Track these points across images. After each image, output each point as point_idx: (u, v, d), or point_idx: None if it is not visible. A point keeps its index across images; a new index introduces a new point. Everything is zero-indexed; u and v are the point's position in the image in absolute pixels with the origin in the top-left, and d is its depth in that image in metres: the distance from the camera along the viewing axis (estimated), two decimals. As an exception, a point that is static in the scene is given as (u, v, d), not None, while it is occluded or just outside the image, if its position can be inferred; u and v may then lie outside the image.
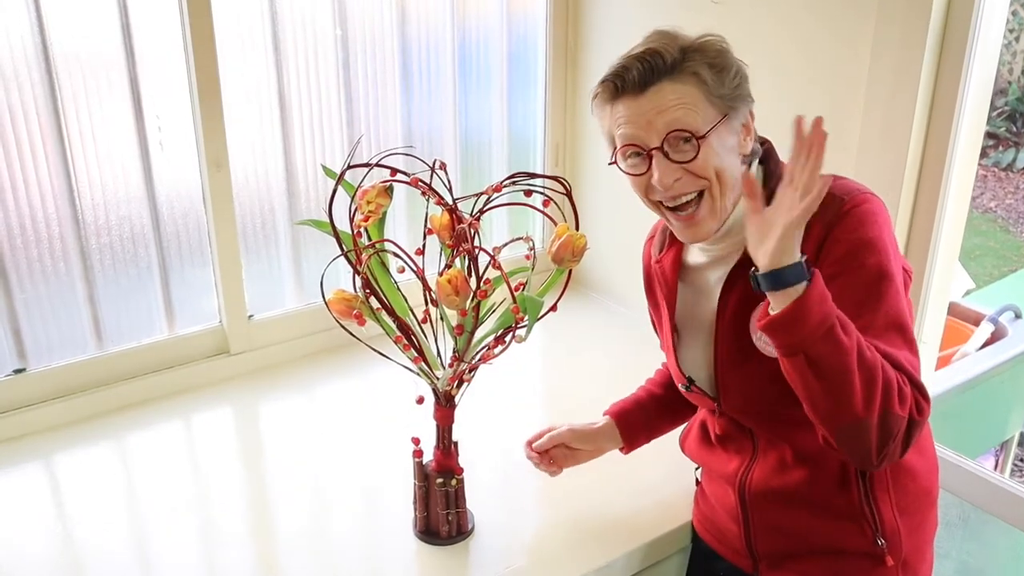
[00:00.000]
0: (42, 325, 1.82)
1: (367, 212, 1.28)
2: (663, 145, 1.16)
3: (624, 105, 1.17)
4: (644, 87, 1.15)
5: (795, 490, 1.26)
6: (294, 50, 1.96)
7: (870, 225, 1.14)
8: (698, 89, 1.15)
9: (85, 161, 1.78)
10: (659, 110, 1.15)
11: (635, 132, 1.17)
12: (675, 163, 1.16)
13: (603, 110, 1.22)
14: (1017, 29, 6.57)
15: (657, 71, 1.15)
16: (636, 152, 1.19)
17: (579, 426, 1.54)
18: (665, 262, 1.35)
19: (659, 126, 1.15)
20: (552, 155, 2.44)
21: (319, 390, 2.01)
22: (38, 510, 1.58)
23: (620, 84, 1.17)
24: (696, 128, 1.14)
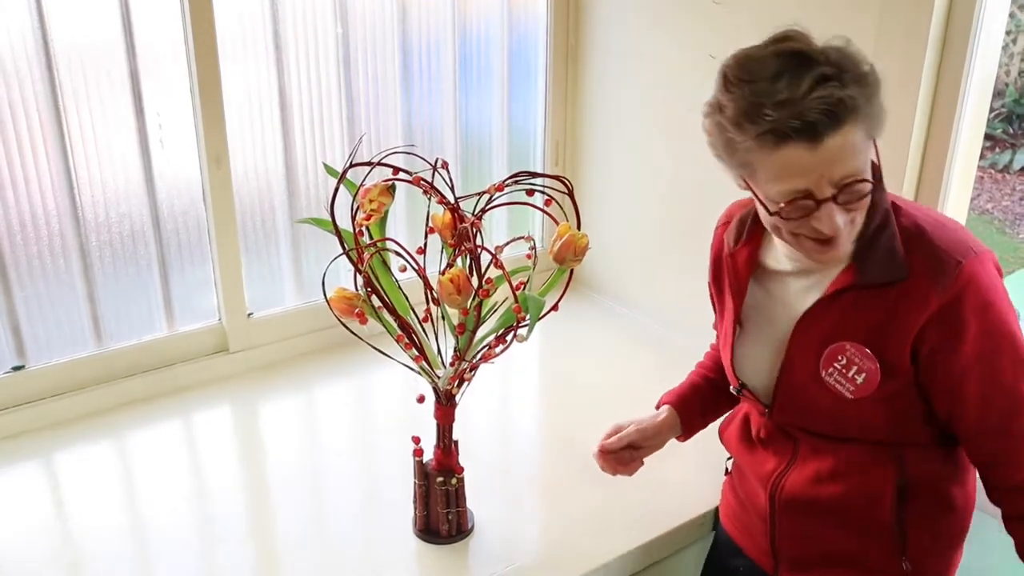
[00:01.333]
0: (41, 322, 1.82)
1: (369, 211, 1.28)
2: (837, 196, 1.06)
3: (795, 155, 1.04)
4: (826, 135, 1.03)
5: (828, 502, 1.25)
6: (295, 48, 1.96)
7: (993, 302, 1.11)
8: (862, 128, 1.05)
9: (85, 158, 1.77)
10: (835, 161, 1.04)
11: (805, 184, 1.06)
12: (842, 208, 1.08)
13: (758, 153, 1.07)
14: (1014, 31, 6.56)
15: (841, 120, 1.03)
16: (801, 198, 1.07)
17: (645, 422, 1.47)
18: (739, 258, 1.28)
19: (835, 177, 1.05)
20: (552, 153, 2.44)
21: (319, 388, 2.00)
22: (37, 508, 1.57)
23: (795, 133, 1.03)
24: (866, 171, 1.07)
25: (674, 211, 2.16)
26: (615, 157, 2.31)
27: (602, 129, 2.33)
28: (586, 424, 1.83)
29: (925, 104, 1.60)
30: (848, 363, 1.16)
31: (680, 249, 2.16)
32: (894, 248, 1.13)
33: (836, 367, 1.17)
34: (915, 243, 1.13)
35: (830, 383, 1.18)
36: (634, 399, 1.94)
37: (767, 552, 1.36)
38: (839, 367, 1.17)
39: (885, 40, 1.60)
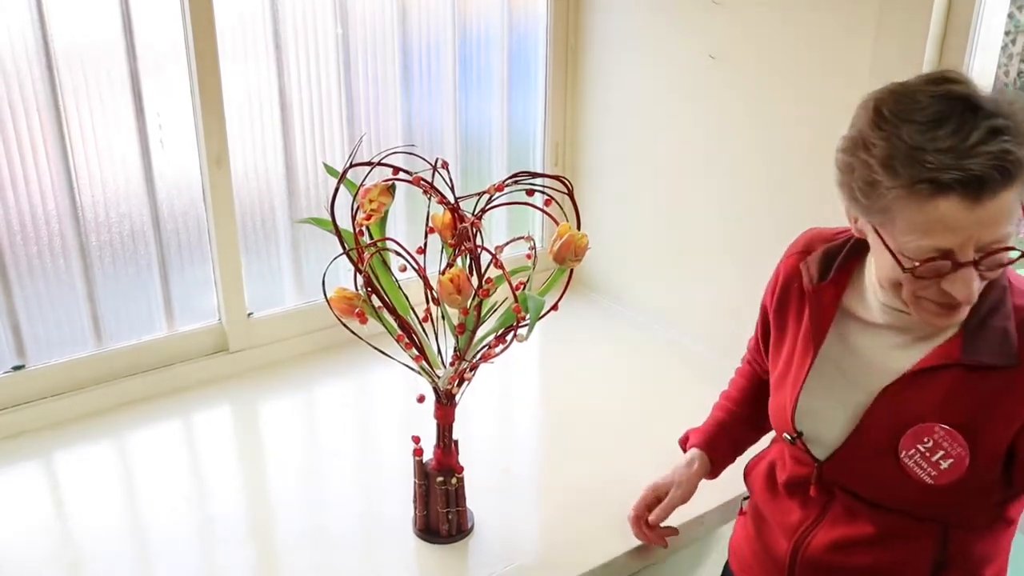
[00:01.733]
0: (41, 322, 1.82)
1: (369, 211, 1.28)
2: (979, 262, 0.97)
3: (950, 211, 0.93)
4: (989, 195, 0.92)
5: (856, 570, 1.17)
6: (295, 48, 1.96)
7: None
8: (1017, 193, 0.95)
9: (85, 158, 1.78)
10: (989, 223, 0.94)
11: (951, 245, 0.95)
12: (978, 273, 0.98)
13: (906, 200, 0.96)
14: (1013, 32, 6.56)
15: (1011, 181, 0.93)
16: (940, 258, 0.97)
17: (682, 482, 1.39)
18: (826, 295, 1.17)
19: (983, 240, 0.95)
20: (552, 154, 2.44)
21: (318, 388, 2.01)
22: (37, 508, 1.58)
23: (958, 187, 0.92)
24: (1013, 240, 0.97)
25: (673, 211, 2.16)
26: (615, 157, 2.31)
27: (602, 129, 2.33)
28: (586, 424, 1.84)
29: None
30: (935, 447, 1.06)
31: (679, 249, 2.16)
32: (1008, 330, 1.04)
33: (919, 449, 1.07)
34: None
35: (908, 465, 1.08)
36: (633, 399, 1.94)
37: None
38: (923, 450, 1.07)
39: (884, 41, 1.60)
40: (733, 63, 1.91)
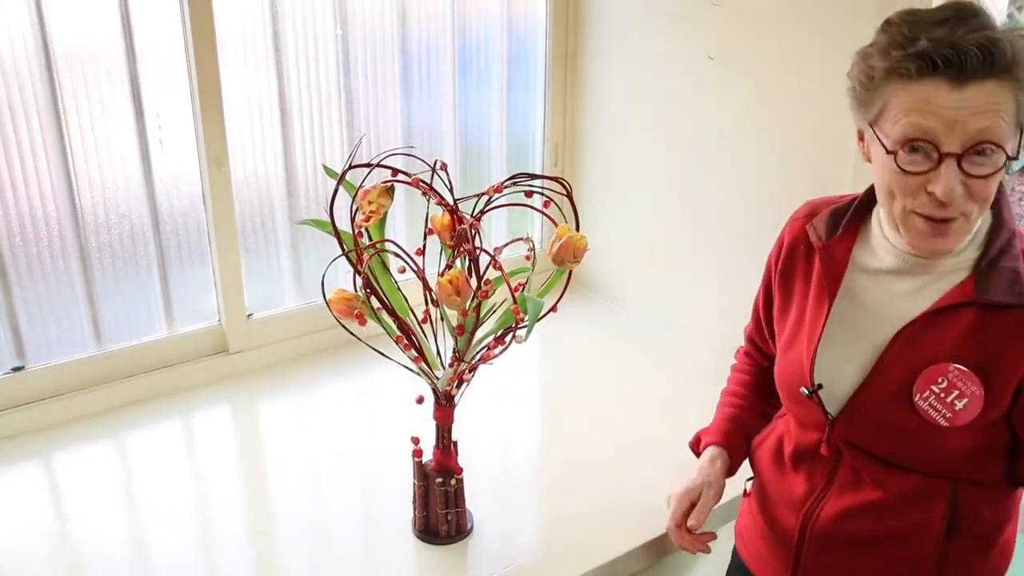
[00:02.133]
0: (41, 323, 1.82)
1: (368, 212, 1.28)
2: (962, 153, 0.99)
3: (932, 91, 0.98)
4: (969, 78, 0.96)
5: (867, 538, 1.17)
6: (294, 49, 1.97)
7: None
8: (1013, 100, 0.98)
9: (85, 159, 1.78)
10: (974, 111, 0.97)
11: (935, 127, 0.98)
12: (965, 175, 1.00)
13: (888, 83, 1.02)
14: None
15: (993, 67, 0.96)
16: (918, 148, 1.01)
17: (710, 478, 1.37)
18: (836, 250, 1.19)
19: (969, 131, 0.98)
20: (552, 155, 2.45)
21: (318, 389, 2.01)
22: (36, 509, 1.58)
23: (942, 65, 0.96)
24: (1002, 144, 0.99)
25: (672, 212, 2.16)
26: (614, 159, 2.31)
27: (601, 131, 2.34)
28: (585, 424, 1.84)
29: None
30: (949, 387, 1.07)
31: (678, 250, 2.17)
32: (1018, 271, 1.07)
33: (934, 391, 1.08)
34: None
35: (923, 408, 1.08)
36: (633, 399, 1.94)
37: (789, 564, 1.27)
38: (937, 391, 1.08)
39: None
40: (732, 64, 1.91)
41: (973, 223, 1.06)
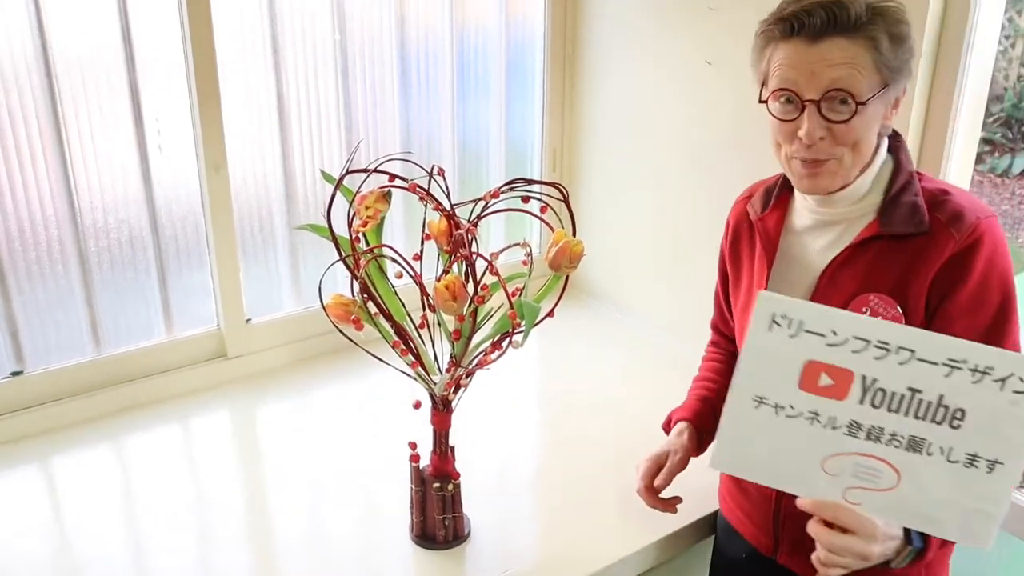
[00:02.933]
0: (40, 328, 1.83)
1: (365, 217, 1.28)
2: (820, 100, 1.14)
3: (792, 49, 1.15)
4: (820, 36, 1.12)
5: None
6: (293, 54, 1.97)
7: (1001, 255, 1.16)
8: (870, 54, 1.12)
9: (84, 164, 1.78)
10: (827, 64, 1.12)
11: (796, 78, 1.15)
12: (826, 120, 1.15)
13: (766, 46, 1.20)
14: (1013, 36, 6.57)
15: (839, 24, 1.11)
16: (789, 99, 1.17)
17: (677, 446, 1.44)
18: (769, 221, 1.34)
19: (823, 80, 1.13)
20: (550, 161, 2.45)
21: (316, 394, 2.01)
22: (35, 513, 1.58)
23: (797, 26, 1.13)
24: (858, 92, 1.13)
25: (669, 218, 2.16)
26: (612, 165, 2.32)
27: (599, 137, 2.34)
28: (582, 429, 1.84)
29: (920, 109, 1.61)
30: (873, 313, 1.19)
31: (675, 255, 2.17)
32: (917, 204, 1.19)
33: None
34: (938, 202, 1.19)
35: None
36: (630, 403, 1.95)
37: (769, 532, 1.36)
38: None
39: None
40: (730, 70, 1.92)
41: (848, 166, 1.19)
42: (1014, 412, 0.97)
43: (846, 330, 1.02)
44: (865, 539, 1.07)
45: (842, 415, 1.04)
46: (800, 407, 1.06)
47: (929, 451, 1.02)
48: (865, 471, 1.06)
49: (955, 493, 1.02)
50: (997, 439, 0.99)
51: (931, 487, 1.03)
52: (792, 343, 1.04)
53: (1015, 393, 0.97)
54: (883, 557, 1.10)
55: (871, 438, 1.04)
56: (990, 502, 1.01)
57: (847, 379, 1.03)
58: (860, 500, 1.07)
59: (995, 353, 0.98)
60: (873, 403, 1.03)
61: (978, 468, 1.00)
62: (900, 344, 1.00)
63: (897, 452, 1.03)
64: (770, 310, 1.05)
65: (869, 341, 1.01)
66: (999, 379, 0.97)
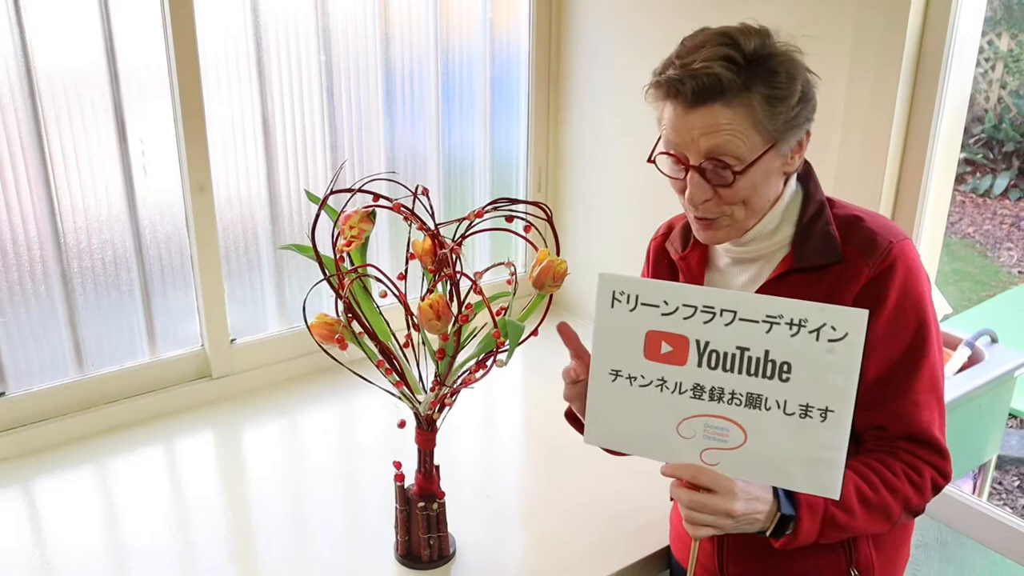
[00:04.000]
0: (22, 348, 1.82)
1: (350, 237, 1.29)
2: (701, 165, 1.14)
3: (674, 111, 1.13)
4: (695, 104, 1.11)
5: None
6: (278, 75, 1.98)
7: (915, 278, 1.17)
8: (749, 119, 1.11)
9: (68, 184, 1.78)
10: (705, 131, 1.11)
11: (678, 142, 1.14)
12: (709, 184, 1.15)
13: (656, 102, 1.18)
14: (993, 58, 6.67)
15: (712, 92, 1.09)
16: (676, 160, 1.17)
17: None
18: (692, 259, 1.33)
19: (702, 147, 1.12)
20: (535, 180, 2.46)
21: (301, 414, 2.00)
22: (17, 534, 1.56)
23: (672, 93, 1.12)
24: (740, 157, 1.12)
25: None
26: (597, 183, 2.33)
27: (584, 156, 2.35)
28: (567, 448, 1.84)
29: (899, 132, 1.63)
30: None
31: (661, 274, 2.18)
32: (829, 234, 1.19)
33: None
34: (852, 229, 1.19)
35: None
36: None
37: (715, 572, 1.36)
38: None
39: (859, 71, 1.63)
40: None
41: (741, 220, 1.18)
42: (832, 360, 1.03)
43: (675, 299, 1.09)
44: (725, 496, 1.09)
45: (686, 379, 1.11)
46: (649, 375, 1.13)
47: (767, 406, 1.07)
48: (715, 431, 1.11)
49: (796, 445, 1.07)
50: (824, 388, 1.05)
51: (774, 441, 1.08)
52: (633, 316, 1.12)
53: (830, 342, 1.03)
54: (750, 519, 1.12)
55: (714, 399, 1.10)
56: (830, 450, 1.06)
57: (683, 345, 1.10)
58: (717, 460, 1.12)
59: (807, 306, 1.04)
60: (710, 365, 1.09)
61: (812, 418, 1.06)
62: (723, 307, 1.07)
63: (739, 410, 1.09)
64: (610, 288, 1.12)
65: (696, 307, 1.08)
66: (813, 330, 1.04)
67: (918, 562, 1.93)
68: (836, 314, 1.02)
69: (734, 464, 1.11)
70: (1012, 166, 6.65)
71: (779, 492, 1.13)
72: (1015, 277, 5.81)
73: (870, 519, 1.15)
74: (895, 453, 1.18)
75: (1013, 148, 6.59)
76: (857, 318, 1.01)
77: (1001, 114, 6.73)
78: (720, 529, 1.11)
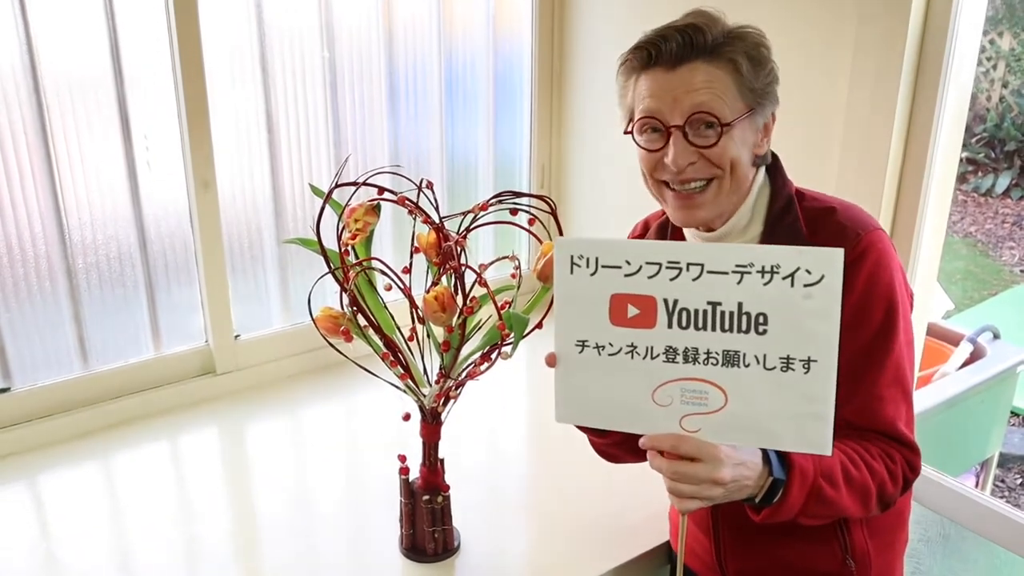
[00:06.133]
0: (27, 344, 1.82)
1: (354, 230, 1.29)
2: (684, 125, 1.13)
3: (652, 77, 1.14)
4: (678, 62, 1.11)
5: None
6: (282, 71, 1.98)
7: (883, 268, 1.15)
8: (731, 77, 1.12)
9: (72, 180, 1.78)
10: (688, 89, 1.11)
11: (658, 107, 1.13)
12: (693, 146, 1.14)
13: (628, 78, 1.18)
14: (995, 57, 6.67)
15: (696, 48, 1.11)
16: (654, 128, 1.16)
17: None
18: None
19: (685, 105, 1.12)
20: (538, 176, 2.47)
21: (305, 409, 2.01)
22: (22, 531, 1.57)
23: (654, 54, 1.13)
24: (722, 115, 1.12)
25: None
26: (599, 180, 2.33)
27: (587, 153, 2.36)
28: (572, 441, 1.85)
29: (900, 132, 1.63)
30: None
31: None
32: (797, 228, 1.18)
33: None
34: (822, 221, 1.18)
35: None
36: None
37: (714, 567, 1.35)
38: None
39: (860, 71, 1.63)
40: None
41: (726, 191, 1.17)
42: (810, 306, 0.98)
43: (638, 257, 1.04)
44: (710, 463, 1.05)
45: (657, 343, 1.05)
46: (618, 342, 1.07)
47: (745, 362, 1.02)
48: (692, 395, 1.06)
49: (781, 401, 1.02)
50: (804, 337, 0.99)
51: (757, 399, 1.03)
52: (594, 281, 1.07)
53: (806, 287, 0.98)
54: (740, 486, 1.08)
55: (688, 360, 1.05)
56: (817, 403, 1.00)
57: (651, 305, 1.05)
58: (698, 426, 1.06)
59: (779, 250, 0.99)
60: (681, 324, 1.04)
61: (795, 370, 1.01)
62: (689, 260, 1.02)
63: (716, 370, 1.03)
64: (567, 253, 1.07)
65: (660, 264, 1.03)
66: (787, 275, 0.98)
67: (920, 556, 1.93)
68: (810, 256, 0.97)
69: (716, 428, 1.05)
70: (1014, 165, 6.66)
71: (771, 456, 1.10)
72: (1017, 276, 5.81)
73: (852, 498, 1.13)
74: (868, 439, 1.17)
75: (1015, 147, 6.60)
76: (833, 257, 0.96)
77: (1003, 113, 6.73)
78: (709, 500, 1.07)
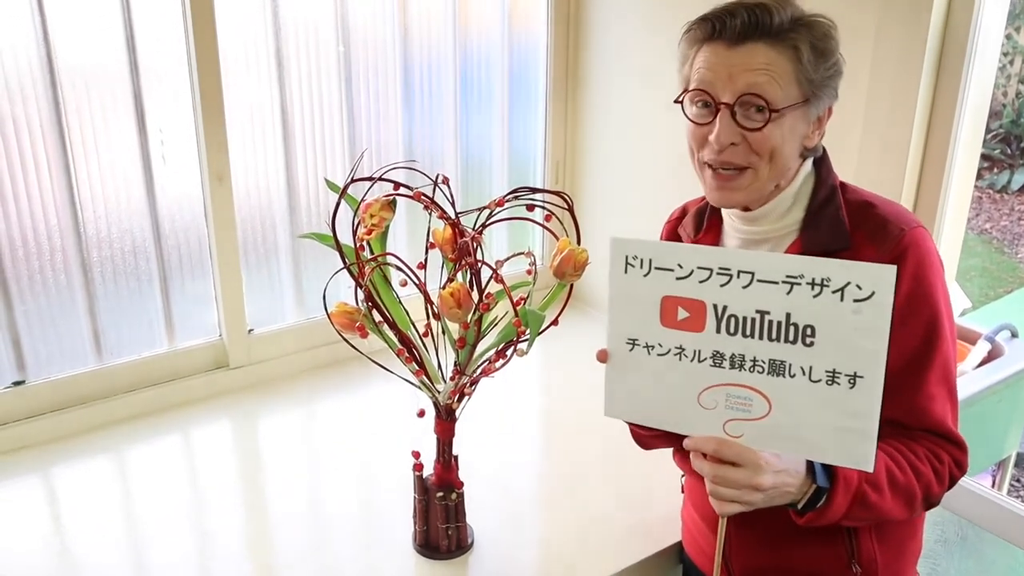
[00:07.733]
0: (42, 337, 1.83)
1: (370, 225, 1.28)
2: (734, 104, 1.12)
3: (712, 50, 1.13)
4: (741, 40, 1.10)
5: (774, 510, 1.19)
6: (297, 66, 1.98)
7: (928, 267, 1.14)
8: (791, 64, 1.11)
9: (88, 174, 1.79)
10: (745, 68, 1.10)
11: (712, 80, 1.12)
12: (739, 127, 1.12)
13: (690, 47, 1.17)
14: (1011, 52, 6.61)
15: (760, 29, 1.09)
16: (705, 102, 1.15)
17: None
18: (705, 242, 1.31)
19: (739, 84, 1.11)
20: (553, 172, 2.46)
21: (319, 404, 2.01)
22: (36, 523, 1.57)
23: (719, 27, 1.11)
24: (774, 100, 1.10)
25: (673, 229, 2.16)
26: (614, 176, 2.32)
27: (602, 148, 2.35)
28: (586, 439, 1.84)
29: (921, 126, 1.62)
30: None
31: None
32: (839, 219, 1.17)
33: None
34: (863, 215, 1.17)
35: None
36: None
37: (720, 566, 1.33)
38: None
39: (881, 64, 1.62)
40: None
41: (763, 179, 1.16)
42: (859, 321, 0.98)
43: (690, 261, 1.05)
44: (751, 469, 1.05)
45: (705, 346, 1.07)
46: (667, 343, 1.09)
47: (791, 373, 1.03)
48: (737, 401, 1.07)
49: (824, 413, 1.02)
50: (851, 352, 0.99)
51: (800, 410, 1.03)
52: (647, 281, 1.08)
53: (855, 302, 0.98)
54: (781, 493, 1.09)
55: (735, 366, 1.05)
56: (861, 419, 1.00)
57: (701, 310, 1.06)
58: (741, 432, 1.07)
59: (830, 264, 0.99)
60: (729, 330, 1.05)
61: (840, 384, 1.01)
62: (740, 268, 1.02)
63: (762, 378, 1.04)
64: (623, 252, 1.09)
65: (712, 269, 1.04)
66: (837, 289, 0.98)
67: (938, 557, 1.92)
68: (861, 271, 0.97)
69: (759, 435, 1.06)
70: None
71: (815, 464, 1.10)
72: (1032, 273, 5.77)
73: (895, 502, 1.13)
74: (915, 439, 1.16)
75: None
76: (885, 275, 0.96)
77: (1019, 109, 6.68)
78: (749, 504, 1.07)
